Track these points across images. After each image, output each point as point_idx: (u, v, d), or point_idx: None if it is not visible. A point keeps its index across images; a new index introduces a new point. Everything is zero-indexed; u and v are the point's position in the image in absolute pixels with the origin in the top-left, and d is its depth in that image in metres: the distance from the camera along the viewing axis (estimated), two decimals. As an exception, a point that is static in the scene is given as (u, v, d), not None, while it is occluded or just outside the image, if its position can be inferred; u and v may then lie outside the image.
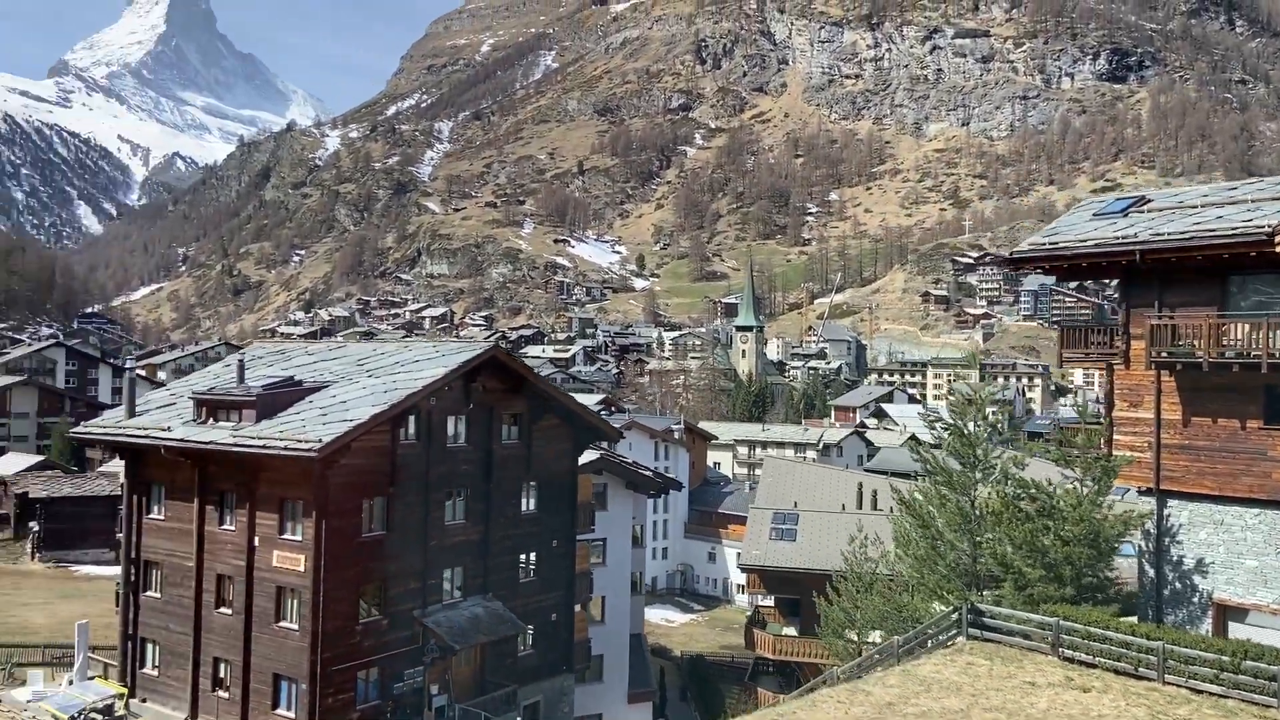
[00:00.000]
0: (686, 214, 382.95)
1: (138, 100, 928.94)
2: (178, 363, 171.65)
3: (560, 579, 34.53)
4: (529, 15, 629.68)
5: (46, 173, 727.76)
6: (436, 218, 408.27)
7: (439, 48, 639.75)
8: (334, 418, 27.80)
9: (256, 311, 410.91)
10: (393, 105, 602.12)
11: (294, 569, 27.70)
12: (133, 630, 31.60)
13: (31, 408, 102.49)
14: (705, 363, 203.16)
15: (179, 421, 30.27)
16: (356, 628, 28.08)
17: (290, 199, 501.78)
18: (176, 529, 30.71)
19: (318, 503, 27.26)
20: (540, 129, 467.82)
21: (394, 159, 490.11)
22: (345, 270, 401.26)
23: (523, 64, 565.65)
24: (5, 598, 53.71)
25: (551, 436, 34.05)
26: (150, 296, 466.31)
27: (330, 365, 32.86)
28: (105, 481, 67.30)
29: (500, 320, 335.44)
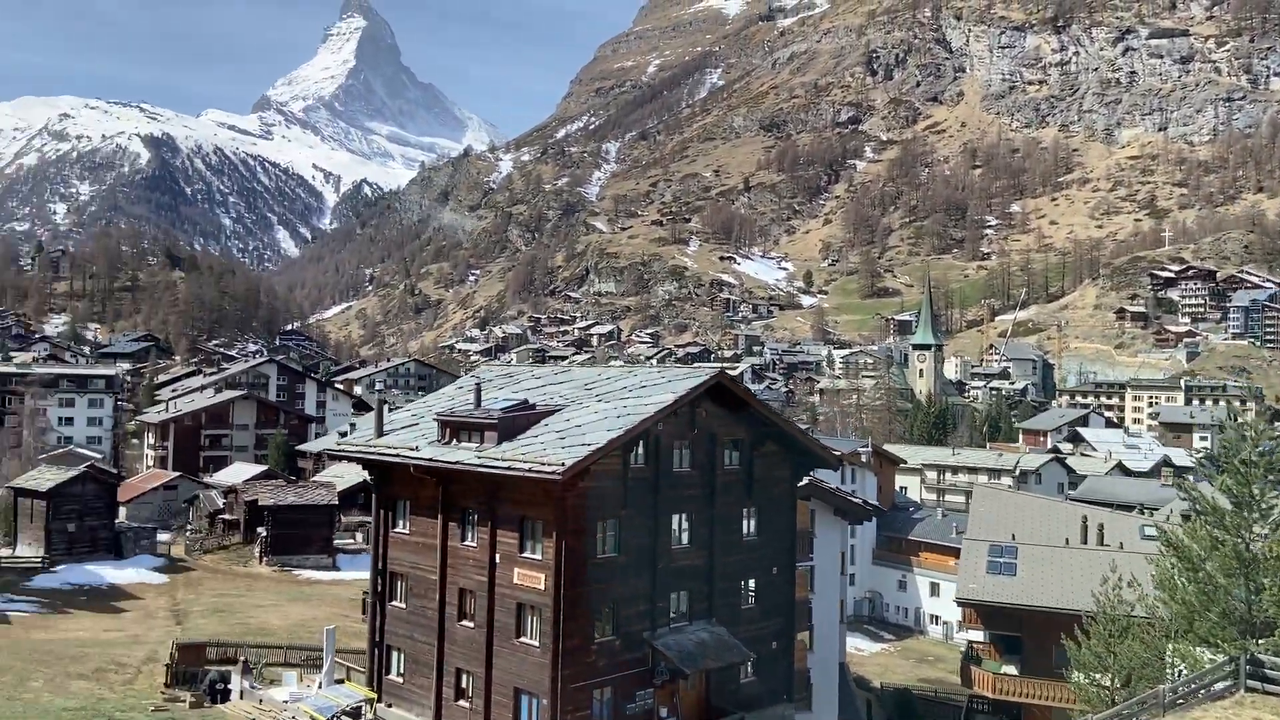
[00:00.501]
0: (856, 229, 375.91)
1: (330, 131, 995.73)
2: (371, 378, 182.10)
3: (780, 606, 34.21)
4: (695, 35, 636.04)
5: (250, 200, 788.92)
6: (604, 237, 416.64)
7: (606, 70, 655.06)
8: (572, 441, 28.55)
9: (436, 329, 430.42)
10: (562, 128, 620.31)
11: (534, 586, 28.56)
12: (379, 638, 33.38)
13: (250, 419, 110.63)
14: (880, 382, 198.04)
15: (425, 441, 31.86)
16: (592, 647, 28.65)
17: (467, 221, 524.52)
18: (421, 543, 32.29)
19: (558, 523, 28.03)
20: (706, 147, 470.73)
21: (563, 180, 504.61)
22: (517, 289, 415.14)
23: (688, 83, 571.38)
24: (241, 599, 57.92)
25: (771, 462, 33.83)
26: (341, 314, 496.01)
27: (559, 389, 33.83)
28: (324, 491, 71.70)
29: (666, 337, 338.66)
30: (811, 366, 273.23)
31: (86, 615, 51.05)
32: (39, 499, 63.40)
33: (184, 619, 51.38)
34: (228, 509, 75.07)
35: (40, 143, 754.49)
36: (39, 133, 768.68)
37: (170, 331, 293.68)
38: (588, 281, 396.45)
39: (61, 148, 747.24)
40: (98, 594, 57.38)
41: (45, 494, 62.92)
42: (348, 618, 55.28)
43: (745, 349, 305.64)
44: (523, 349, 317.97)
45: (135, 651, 41.65)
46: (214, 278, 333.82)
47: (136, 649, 42.27)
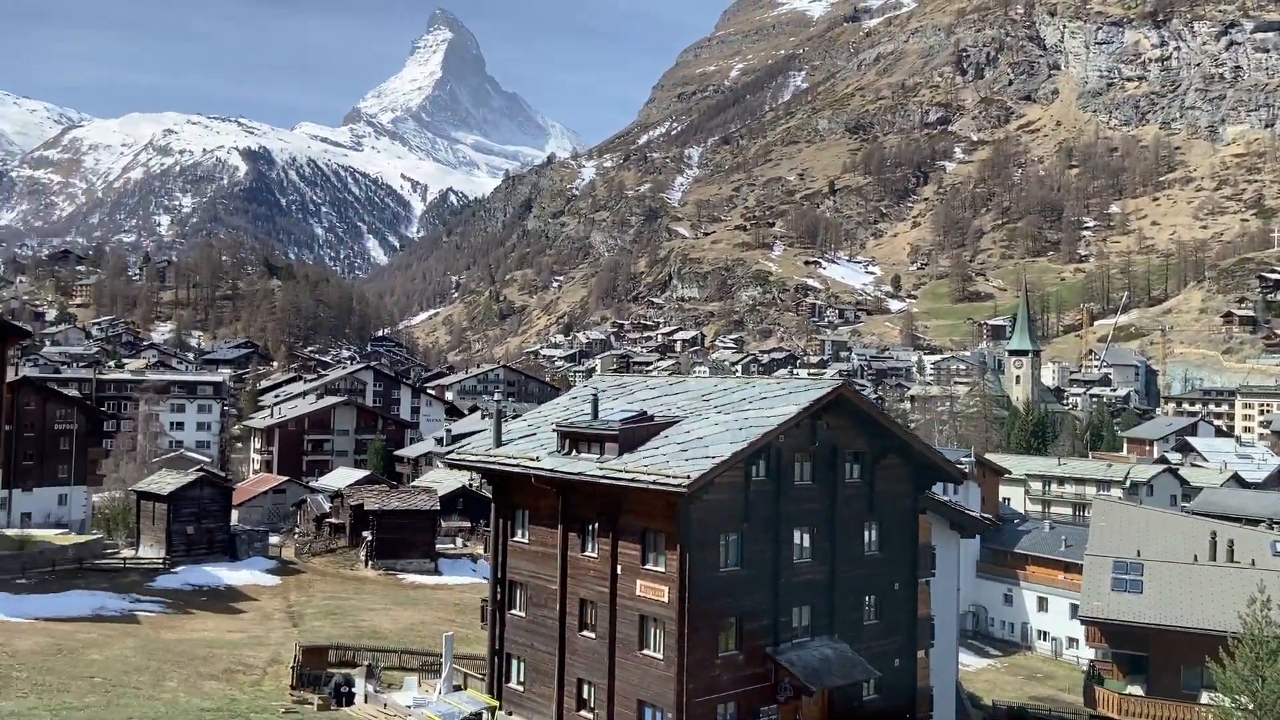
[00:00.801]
0: (946, 232, 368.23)
1: (417, 141, 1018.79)
2: (462, 384, 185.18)
3: (902, 623, 33.49)
4: (778, 38, 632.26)
5: (342, 210, 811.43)
6: (687, 242, 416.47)
7: (689, 76, 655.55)
8: (694, 453, 28.40)
9: (520, 334, 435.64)
10: (644, 134, 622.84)
11: (657, 599, 28.47)
12: (499, 645, 33.72)
13: (350, 425, 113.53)
14: (974, 389, 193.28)
15: (544, 452, 32.09)
16: (716, 661, 28.44)
17: (550, 228, 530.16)
18: (540, 552, 32.52)
19: (681, 536, 27.90)
20: (790, 150, 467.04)
21: (646, 186, 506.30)
22: (601, 295, 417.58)
23: (772, 86, 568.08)
24: (351, 602, 59.28)
25: (892, 475, 33.15)
26: (428, 321, 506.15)
27: (676, 400, 33.73)
28: (426, 497, 73.02)
29: (750, 343, 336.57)
30: (901, 373, 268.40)
31: (209, 616, 52.85)
32: (160, 502, 65.92)
33: (299, 621, 52.76)
34: (334, 513, 76.98)
35: (146, 158, 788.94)
36: (145, 148, 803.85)
37: (269, 338, 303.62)
38: (671, 287, 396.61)
39: (165, 162, 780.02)
40: (216, 595, 59.37)
41: (166, 497, 65.37)
42: (454, 622, 56.09)
43: (832, 355, 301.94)
44: (607, 355, 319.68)
45: (259, 653, 42.93)
46: (309, 286, 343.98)
47: (260, 650, 43.56)
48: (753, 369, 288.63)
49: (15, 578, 55.93)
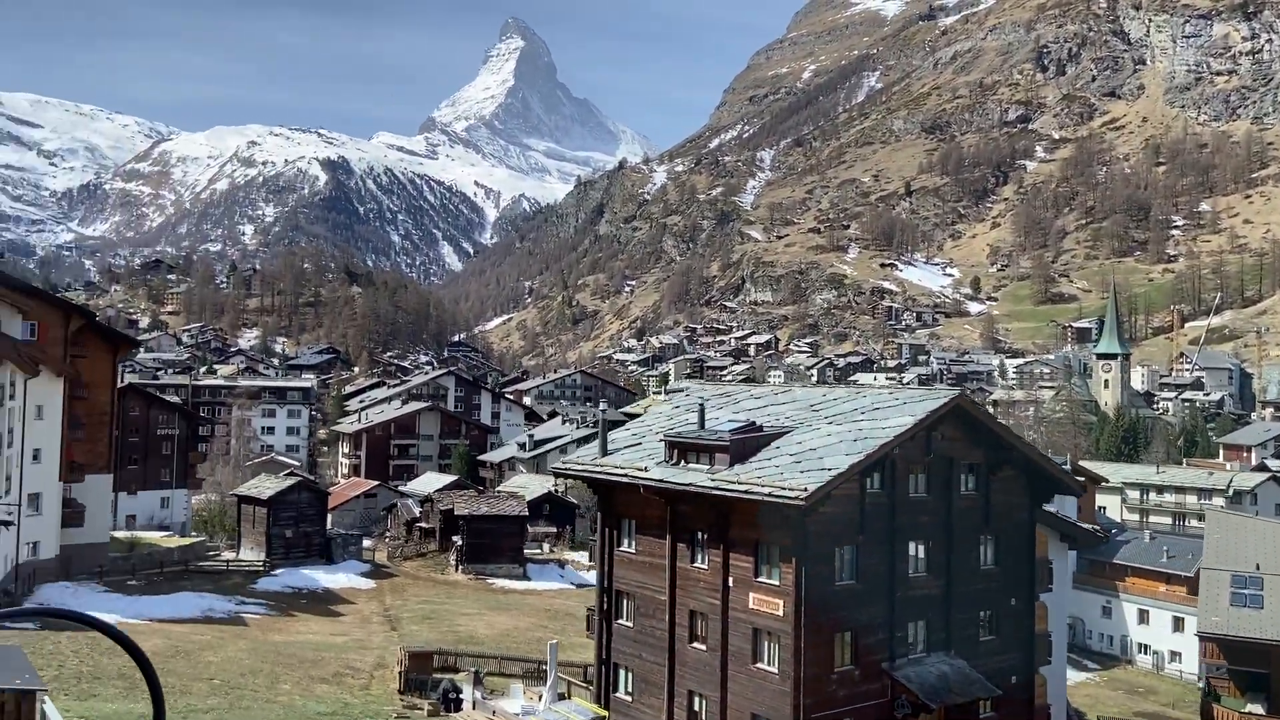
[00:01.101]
0: (1027, 232, 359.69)
1: (491, 149, 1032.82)
2: (540, 389, 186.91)
3: (1019, 639, 32.63)
4: (851, 38, 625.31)
5: (418, 218, 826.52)
6: (759, 245, 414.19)
7: (760, 78, 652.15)
8: (809, 465, 28.06)
9: (593, 339, 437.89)
10: (715, 138, 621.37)
11: (772, 612, 28.20)
12: (606, 655, 33.80)
13: (435, 430, 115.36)
14: (1061, 393, 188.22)
15: (652, 462, 32.05)
16: (832, 676, 28.05)
17: (622, 232, 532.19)
18: (647, 563, 32.48)
19: (796, 549, 27.60)
20: (864, 151, 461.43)
21: (717, 190, 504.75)
22: (673, 299, 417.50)
23: (845, 87, 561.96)
24: (445, 607, 60.05)
25: (1008, 487, 32.34)
26: (502, 325, 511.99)
27: (782, 410, 33.41)
28: (514, 503, 73.66)
29: (825, 347, 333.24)
30: (982, 377, 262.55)
31: (311, 618, 54.04)
32: (260, 506, 67.71)
33: (397, 625, 53.62)
34: (424, 517, 78.18)
35: (231, 169, 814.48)
36: (230, 159, 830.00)
37: (349, 344, 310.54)
38: (744, 291, 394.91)
39: (249, 173, 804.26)
40: (315, 597, 60.69)
41: (266, 501, 67.13)
42: (546, 629, 56.44)
43: (909, 358, 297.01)
44: (680, 359, 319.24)
45: (365, 656, 43.73)
46: (388, 292, 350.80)
47: (364, 654, 44.38)
48: (828, 373, 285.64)
49: (127, 579, 57.95)
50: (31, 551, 53.08)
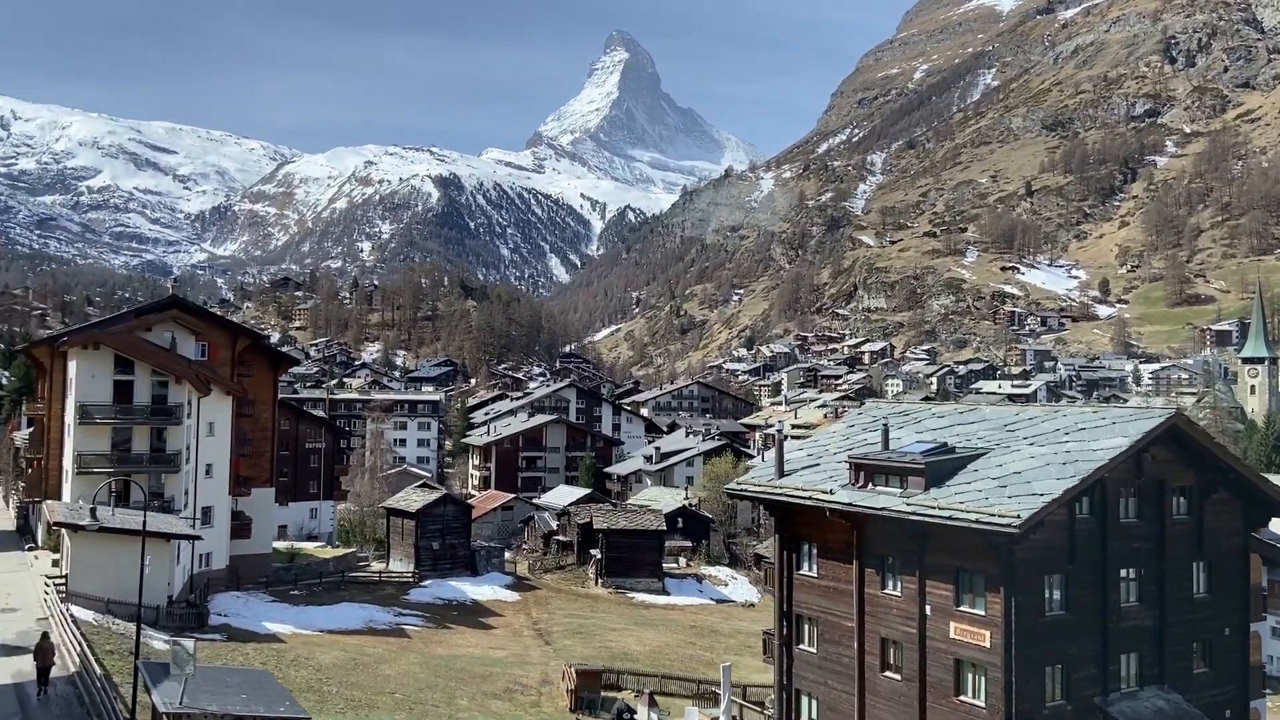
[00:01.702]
0: (1158, 231, 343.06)
1: (596, 161, 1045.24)
2: (657, 400, 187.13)
3: (1234, 672, 30.47)
4: (965, 36, 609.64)
5: (526, 231, 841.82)
6: (872, 251, 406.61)
7: (870, 80, 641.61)
8: (1016, 490, 26.76)
9: (701, 349, 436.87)
10: (824, 142, 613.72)
11: (976, 643, 26.97)
12: (787, 681, 33.04)
13: (561, 442, 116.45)
14: (1203, 400, 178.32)
15: (836, 484, 31.18)
16: (1043, 711, 26.61)
17: (729, 241, 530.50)
18: (831, 588, 31.59)
19: (1004, 578, 26.32)
20: (980, 151, 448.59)
21: (827, 195, 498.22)
22: (783, 307, 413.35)
23: (959, 86, 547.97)
24: (591, 621, 60.19)
25: (1222, 511, 30.29)
26: (610, 336, 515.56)
27: (971, 429, 32.10)
28: (652, 517, 73.49)
29: (944, 354, 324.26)
30: (1115, 383, 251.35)
31: (466, 631, 54.85)
32: (408, 518, 69.31)
33: (550, 639, 53.93)
34: (561, 530, 78.77)
35: (349, 189, 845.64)
36: (348, 179, 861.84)
37: (466, 356, 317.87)
38: (856, 297, 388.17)
39: (366, 192, 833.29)
40: (464, 609, 61.65)
41: (414, 514, 68.66)
42: (694, 645, 56.02)
43: (1035, 365, 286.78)
44: (793, 368, 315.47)
45: (529, 672, 44.04)
46: (501, 306, 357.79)
47: (528, 669, 44.70)
48: (948, 381, 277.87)
49: (290, 589, 59.94)
50: (205, 562, 55.38)
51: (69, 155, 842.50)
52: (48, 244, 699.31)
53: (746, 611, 68.74)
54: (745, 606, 70.34)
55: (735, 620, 64.57)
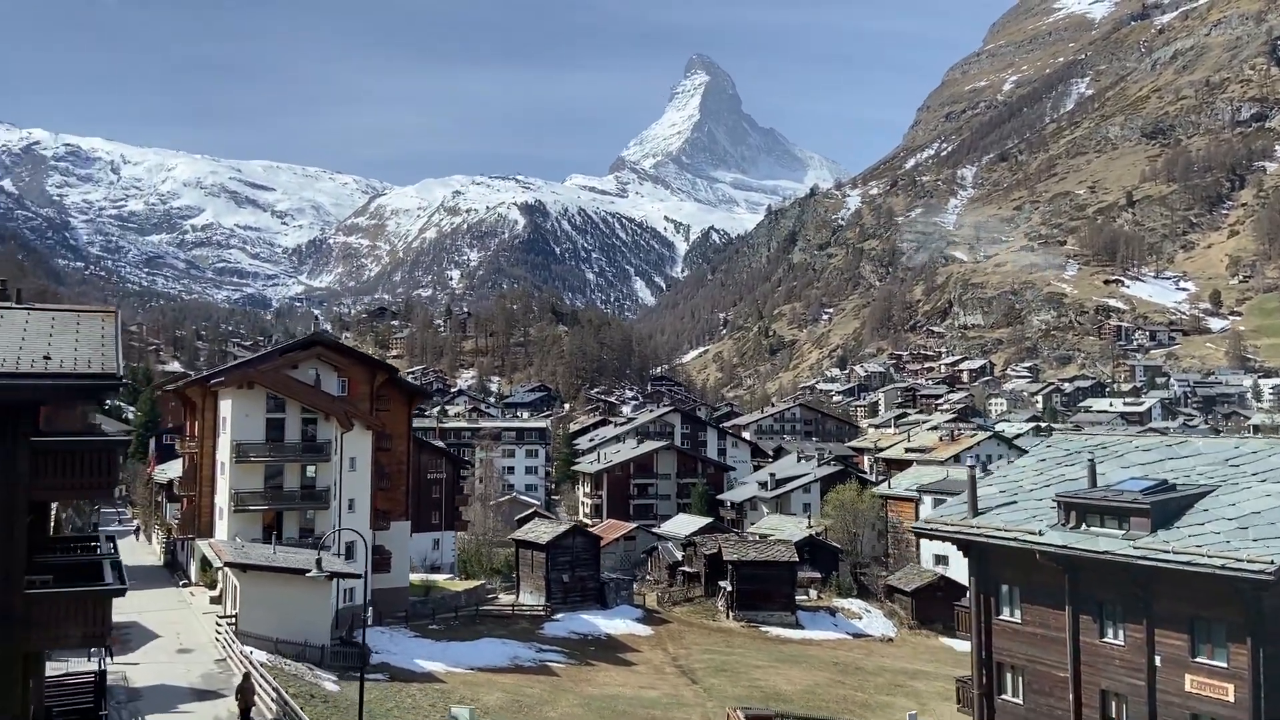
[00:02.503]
0: (1271, 239, 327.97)
1: (678, 183, 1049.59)
2: (759, 424, 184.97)
3: None
4: (1055, 45, 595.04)
5: (610, 255, 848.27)
6: (966, 267, 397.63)
7: (957, 94, 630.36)
8: (1261, 533, 24.72)
9: (792, 369, 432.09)
10: (911, 158, 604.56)
11: (1218, 697, 24.95)
12: (988, 734, 31.30)
13: (672, 469, 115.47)
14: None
15: (1043, 524, 29.48)
16: (1295, 773, 24.50)
17: (816, 260, 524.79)
18: (1039, 635, 29.81)
19: (1250, 627, 24.29)
20: (1077, 162, 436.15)
21: (917, 211, 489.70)
22: (875, 326, 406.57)
23: (1051, 96, 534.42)
24: (732, 657, 58.77)
25: None
26: (698, 358, 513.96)
27: (1185, 464, 30.05)
28: (782, 548, 71.82)
29: (1047, 371, 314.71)
30: (1233, 399, 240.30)
31: (608, 667, 54.06)
32: (538, 550, 69.02)
33: (695, 677, 52.76)
34: (687, 561, 77.59)
35: (438, 218, 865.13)
36: (437, 209, 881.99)
37: (559, 381, 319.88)
38: (951, 314, 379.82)
39: (454, 221, 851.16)
40: (600, 644, 60.89)
41: (544, 546, 68.34)
42: (843, 684, 54.15)
43: (1145, 381, 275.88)
44: (889, 388, 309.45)
45: (689, 714, 43.00)
46: (593, 330, 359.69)
47: (687, 711, 43.65)
48: (1054, 399, 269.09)
49: (428, 624, 60.06)
50: (348, 597, 55.79)
51: (174, 196, 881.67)
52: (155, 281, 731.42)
53: (886, 647, 66.53)
54: (884, 641, 68.08)
55: (877, 657, 62.47)
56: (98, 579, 19.00)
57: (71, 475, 17.36)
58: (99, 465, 17.57)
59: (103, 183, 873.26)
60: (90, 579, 19.03)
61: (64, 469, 17.32)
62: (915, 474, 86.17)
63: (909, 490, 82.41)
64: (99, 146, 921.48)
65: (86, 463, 17.41)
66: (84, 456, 17.41)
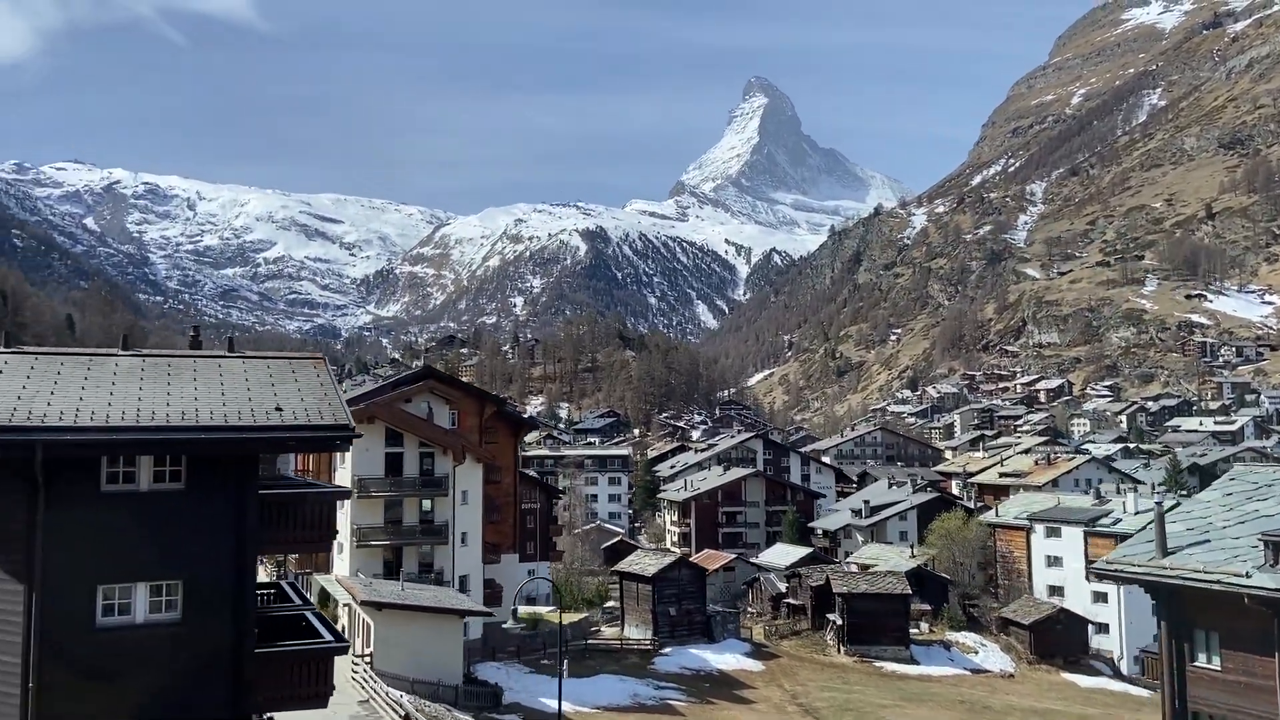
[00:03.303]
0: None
1: (739, 206, 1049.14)
2: (839, 448, 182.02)
3: None
4: (1124, 57, 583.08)
5: (672, 279, 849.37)
6: (1039, 284, 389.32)
7: (1023, 109, 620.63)
8: None
9: (860, 391, 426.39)
10: (977, 174, 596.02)
11: None
12: (1185, 789, 29.28)
13: (760, 496, 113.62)
14: None
15: (1243, 564, 27.59)
16: None
17: (883, 280, 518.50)
18: (1242, 684, 27.83)
19: None
20: (1152, 175, 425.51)
21: (985, 228, 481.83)
22: (945, 345, 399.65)
23: (1122, 109, 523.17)
24: (853, 695, 56.91)
25: None
26: (764, 381, 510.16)
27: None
28: (894, 580, 69.74)
29: (1128, 389, 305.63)
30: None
31: (730, 705, 52.70)
32: (644, 583, 67.95)
33: (819, 716, 51.11)
34: (790, 593, 75.80)
35: (501, 246, 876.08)
36: (500, 238, 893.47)
37: (628, 406, 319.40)
38: (1025, 333, 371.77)
39: (517, 249, 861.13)
40: (714, 680, 59.51)
41: (650, 578, 67.26)
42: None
43: (1234, 399, 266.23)
44: (966, 409, 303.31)
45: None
46: (660, 355, 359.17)
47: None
48: (1139, 418, 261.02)
49: (539, 658, 59.25)
50: (464, 633, 55.24)
51: (247, 230, 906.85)
52: (230, 313, 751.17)
53: (1008, 683, 63.99)
54: (1004, 678, 65.53)
55: (1002, 694, 60.04)
56: (309, 634, 18.47)
57: (294, 529, 16.87)
58: (320, 518, 17.07)
59: (180, 219, 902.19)
60: (298, 633, 18.50)
61: (288, 522, 16.85)
62: (1024, 501, 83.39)
63: (1018, 518, 79.69)
64: (176, 184, 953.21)
65: (308, 515, 16.93)
66: (306, 509, 16.93)
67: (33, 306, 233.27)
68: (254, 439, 15.53)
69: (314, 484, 22.00)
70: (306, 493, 17.80)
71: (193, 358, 17.88)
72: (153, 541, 16.05)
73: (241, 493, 16.04)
